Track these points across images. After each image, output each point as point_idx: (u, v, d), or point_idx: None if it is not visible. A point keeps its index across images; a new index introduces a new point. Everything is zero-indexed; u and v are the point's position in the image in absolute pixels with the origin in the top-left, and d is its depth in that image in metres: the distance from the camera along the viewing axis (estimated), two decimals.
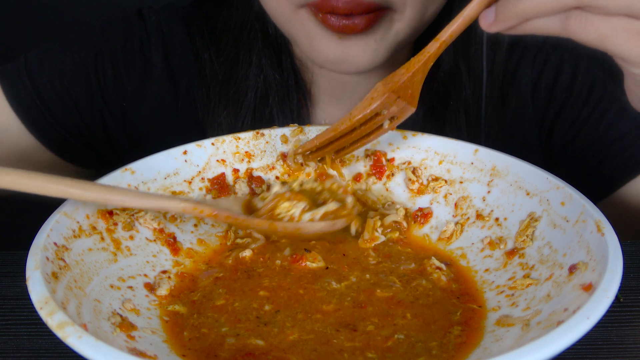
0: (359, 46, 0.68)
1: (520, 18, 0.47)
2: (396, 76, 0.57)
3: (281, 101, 0.81)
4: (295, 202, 0.59)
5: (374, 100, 0.58)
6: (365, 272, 0.56)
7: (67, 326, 0.40)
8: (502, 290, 0.53)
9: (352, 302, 0.52)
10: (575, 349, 0.51)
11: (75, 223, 0.53)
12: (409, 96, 0.58)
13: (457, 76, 0.80)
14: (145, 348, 0.46)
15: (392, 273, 0.56)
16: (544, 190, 0.57)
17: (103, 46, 0.83)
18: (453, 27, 0.54)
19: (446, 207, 0.63)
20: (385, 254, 0.59)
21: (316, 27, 0.68)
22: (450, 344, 0.48)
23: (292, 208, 0.59)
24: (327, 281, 0.55)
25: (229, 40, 0.82)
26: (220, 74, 0.82)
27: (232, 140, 0.66)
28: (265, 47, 0.80)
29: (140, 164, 0.61)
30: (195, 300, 0.53)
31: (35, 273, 0.45)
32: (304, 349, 0.47)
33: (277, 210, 0.59)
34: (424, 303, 0.52)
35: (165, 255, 0.58)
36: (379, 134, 0.61)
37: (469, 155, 0.63)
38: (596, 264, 0.46)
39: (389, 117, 0.59)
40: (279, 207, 0.59)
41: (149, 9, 0.87)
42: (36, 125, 0.81)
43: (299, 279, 0.55)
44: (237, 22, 0.81)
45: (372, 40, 0.68)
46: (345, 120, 0.59)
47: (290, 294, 0.54)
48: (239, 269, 0.57)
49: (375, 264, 0.57)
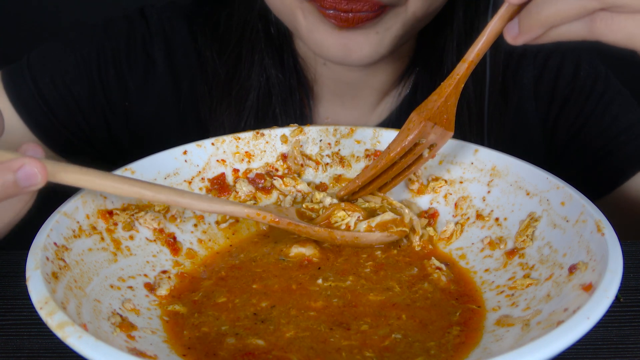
0: (361, 37, 0.68)
1: (545, 26, 0.46)
2: (429, 103, 0.57)
3: (284, 100, 0.81)
4: (351, 212, 0.60)
5: (411, 131, 0.57)
6: (361, 279, 0.56)
7: (67, 326, 0.40)
8: (502, 290, 0.53)
9: (342, 301, 0.53)
10: (575, 349, 0.51)
11: (75, 223, 0.53)
12: (445, 121, 0.57)
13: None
14: (145, 348, 0.46)
15: (392, 279, 0.56)
16: (544, 190, 0.57)
17: (105, 45, 0.83)
18: (478, 45, 0.53)
19: (446, 207, 0.63)
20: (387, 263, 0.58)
21: (318, 20, 0.68)
22: (449, 344, 0.48)
23: (347, 217, 0.59)
24: (320, 279, 0.55)
25: (231, 40, 0.82)
26: (222, 73, 0.82)
27: (232, 140, 0.66)
28: (267, 46, 0.80)
29: (140, 164, 0.61)
30: (197, 299, 0.54)
31: (35, 273, 0.45)
32: (301, 347, 0.47)
33: (333, 218, 0.60)
34: (422, 305, 0.52)
35: (165, 255, 0.58)
36: (420, 164, 0.61)
37: (469, 155, 0.63)
38: (596, 264, 0.46)
39: (428, 145, 0.59)
40: (335, 215, 0.60)
41: (151, 8, 0.87)
42: (39, 125, 0.82)
43: (294, 275, 0.56)
44: (239, 21, 0.81)
45: (374, 33, 0.68)
46: (385, 156, 0.59)
47: (283, 288, 0.54)
48: (240, 267, 0.58)
49: (374, 271, 0.57)
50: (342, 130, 0.68)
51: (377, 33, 0.68)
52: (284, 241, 0.60)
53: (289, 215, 0.60)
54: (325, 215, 0.60)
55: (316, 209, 0.62)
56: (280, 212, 0.60)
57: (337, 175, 0.67)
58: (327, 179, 0.67)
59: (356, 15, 0.65)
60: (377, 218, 0.59)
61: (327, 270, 0.57)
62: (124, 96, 0.84)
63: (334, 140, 0.68)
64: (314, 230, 0.59)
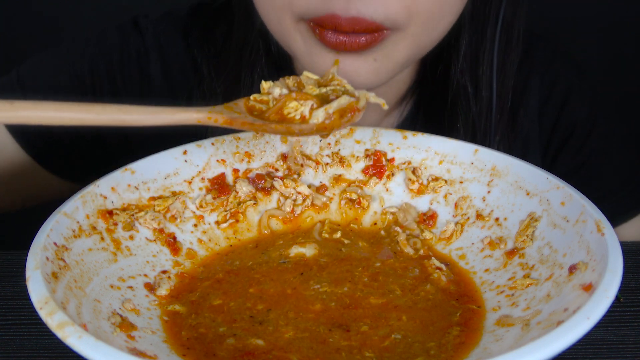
0: (358, 63, 0.65)
1: None
2: None
3: None
4: (303, 101, 0.55)
5: None
6: (359, 285, 0.55)
7: (67, 326, 0.40)
8: (502, 291, 0.53)
9: (340, 304, 0.52)
10: (575, 349, 0.51)
11: (75, 223, 0.53)
12: None
13: (464, 96, 0.78)
14: (145, 348, 0.46)
15: (393, 283, 0.56)
16: (544, 190, 0.57)
17: (99, 60, 0.81)
18: None
19: (446, 207, 0.63)
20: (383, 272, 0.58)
21: (315, 43, 0.65)
22: (449, 344, 0.48)
23: (300, 107, 0.55)
24: (317, 285, 0.55)
25: (230, 59, 0.79)
26: (220, 93, 0.80)
27: (232, 140, 0.66)
28: (267, 65, 0.78)
29: (140, 164, 0.61)
30: (194, 300, 0.54)
31: (35, 273, 0.45)
32: (301, 347, 0.47)
33: (286, 110, 0.55)
34: (423, 307, 0.52)
35: (165, 256, 0.58)
36: None
37: (469, 155, 0.63)
38: (596, 264, 0.46)
39: None
40: (287, 107, 0.55)
41: (146, 19, 0.84)
42: (30, 142, 0.80)
43: (289, 279, 0.56)
44: (238, 40, 0.79)
45: (372, 59, 0.65)
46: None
47: (279, 292, 0.54)
48: (237, 272, 0.57)
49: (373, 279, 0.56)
50: (342, 130, 0.68)
51: (376, 60, 0.65)
52: (284, 242, 0.60)
53: (240, 113, 0.55)
54: (276, 107, 0.56)
55: (265, 101, 0.57)
56: (231, 110, 0.55)
57: (337, 175, 0.67)
58: (327, 179, 0.67)
59: (354, 41, 0.62)
60: (333, 104, 0.55)
61: (321, 280, 0.56)
62: None
63: (334, 140, 0.68)
64: (270, 128, 0.55)
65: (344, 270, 0.57)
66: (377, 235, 0.63)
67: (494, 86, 0.78)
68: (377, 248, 0.61)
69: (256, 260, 0.59)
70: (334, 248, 0.60)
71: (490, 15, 0.76)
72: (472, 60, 0.77)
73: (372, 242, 0.62)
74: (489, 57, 0.77)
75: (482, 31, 0.77)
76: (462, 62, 0.77)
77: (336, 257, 0.59)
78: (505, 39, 0.77)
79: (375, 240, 0.62)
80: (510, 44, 0.78)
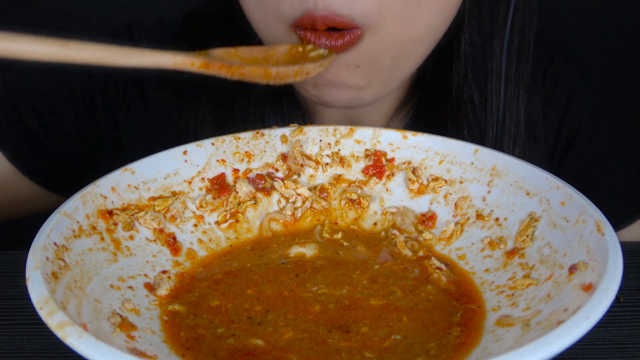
0: (341, 71, 0.65)
1: None
2: None
3: None
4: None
5: None
6: (358, 287, 0.55)
7: (67, 326, 0.40)
8: (502, 291, 0.53)
9: (339, 305, 0.52)
10: (575, 349, 0.51)
11: (75, 223, 0.53)
12: None
13: (471, 107, 0.77)
14: (145, 348, 0.46)
15: (394, 285, 0.56)
16: (544, 190, 0.57)
17: (91, 72, 0.79)
18: None
19: (446, 207, 0.63)
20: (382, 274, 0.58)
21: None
22: (449, 344, 0.48)
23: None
24: (315, 287, 0.55)
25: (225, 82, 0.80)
26: (216, 116, 0.79)
27: (232, 140, 0.66)
28: (265, 91, 0.77)
29: (140, 164, 0.61)
30: (192, 300, 0.54)
31: (35, 273, 0.45)
32: (301, 347, 0.47)
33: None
34: (424, 308, 0.52)
35: (165, 256, 0.58)
36: None
37: (469, 155, 0.63)
38: (596, 264, 0.46)
39: None
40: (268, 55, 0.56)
41: (139, 27, 0.83)
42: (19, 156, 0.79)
43: (286, 280, 0.56)
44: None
45: (354, 66, 0.65)
46: None
47: (276, 294, 0.54)
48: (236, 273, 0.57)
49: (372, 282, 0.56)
50: (342, 130, 0.68)
51: (359, 66, 0.65)
52: (285, 242, 0.60)
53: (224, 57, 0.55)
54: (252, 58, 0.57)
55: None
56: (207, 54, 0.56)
57: (337, 175, 0.67)
58: (327, 179, 0.67)
59: (332, 44, 0.62)
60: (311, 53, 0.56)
61: (318, 282, 0.56)
62: (113, 127, 0.81)
63: (334, 140, 0.68)
64: (247, 70, 0.55)
65: (340, 273, 0.57)
66: (375, 238, 0.63)
67: (501, 96, 0.76)
68: (375, 251, 0.61)
69: (255, 261, 0.59)
70: (331, 251, 0.60)
71: (496, 23, 0.74)
72: (481, 73, 0.76)
73: (370, 246, 0.61)
74: (498, 70, 0.76)
75: (490, 41, 0.75)
76: (465, 70, 0.76)
77: (332, 260, 0.59)
78: (517, 50, 0.76)
79: (373, 243, 0.62)
80: (522, 55, 0.77)
